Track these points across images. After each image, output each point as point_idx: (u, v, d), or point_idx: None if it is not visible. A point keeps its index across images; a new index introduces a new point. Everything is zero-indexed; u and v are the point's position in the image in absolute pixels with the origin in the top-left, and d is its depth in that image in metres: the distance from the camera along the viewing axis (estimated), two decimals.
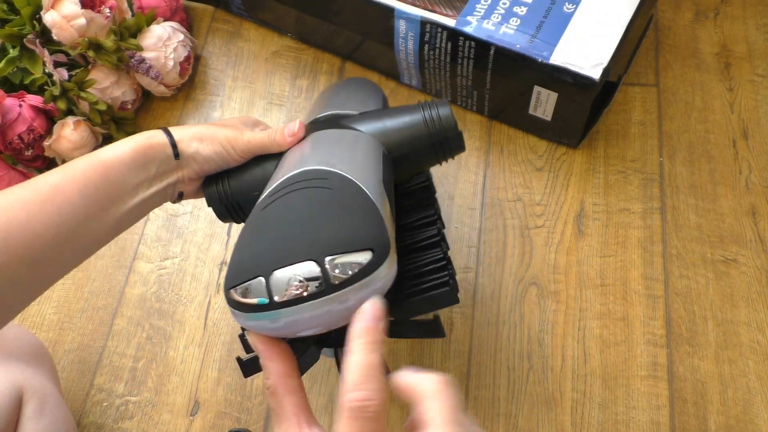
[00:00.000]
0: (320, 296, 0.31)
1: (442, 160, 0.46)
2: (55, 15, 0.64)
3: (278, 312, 0.32)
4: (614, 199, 0.66)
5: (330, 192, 0.35)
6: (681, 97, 0.71)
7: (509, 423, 0.57)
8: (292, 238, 0.33)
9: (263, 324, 0.32)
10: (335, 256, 0.32)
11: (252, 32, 0.80)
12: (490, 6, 0.64)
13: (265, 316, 0.32)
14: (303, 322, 0.32)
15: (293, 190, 0.36)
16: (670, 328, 0.60)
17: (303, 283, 0.31)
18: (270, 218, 0.35)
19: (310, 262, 0.31)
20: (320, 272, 0.31)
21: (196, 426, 0.59)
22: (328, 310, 0.31)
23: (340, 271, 0.31)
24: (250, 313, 0.32)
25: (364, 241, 0.32)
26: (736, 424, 0.56)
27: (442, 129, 0.44)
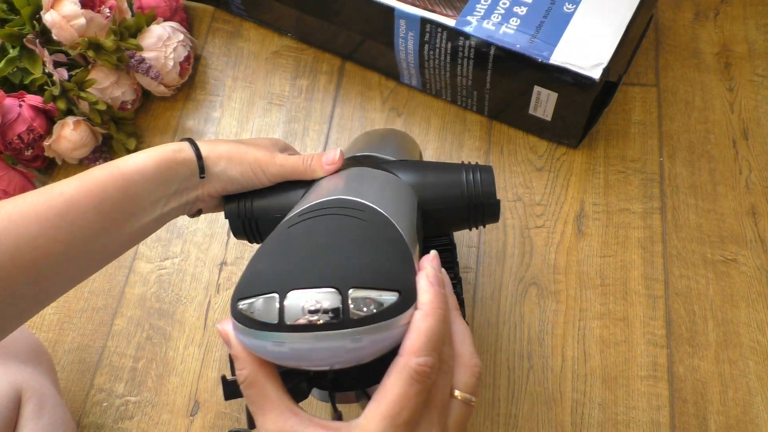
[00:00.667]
0: (334, 329, 0.29)
1: (473, 225, 0.45)
2: (55, 15, 0.64)
3: (285, 336, 0.29)
4: (614, 199, 0.66)
5: (364, 224, 0.33)
6: (681, 97, 0.71)
7: (509, 423, 0.57)
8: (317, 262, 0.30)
9: (265, 345, 0.30)
10: (360, 291, 0.29)
11: (252, 32, 0.80)
12: (490, 6, 0.64)
13: (270, 336, 0.29)
14: (308, 353, 0.29)
15: (325, 215, 0.34)
16: (670, 328, 0.60)
17: (319, 310, 0.29)
18: (296, 237, 0.33)
19: (332, 290, 0.29)
20: (340, 303, 0.29)
21: (196, 426, 0.59)
22: (339, 347, 0.29)
23: (362, 307, 0.29)
24: (254, 330, 0.30)
25: (392, 282, 0.30)
26: (736, 424, 0.56)
27: (480, 194, 0.43)
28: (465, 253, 0.65)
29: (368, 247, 0.31)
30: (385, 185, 0.40)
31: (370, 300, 0.29)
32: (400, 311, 0.30)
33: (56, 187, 0.39)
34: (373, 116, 0.73)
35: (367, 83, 0.75)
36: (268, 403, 0.31)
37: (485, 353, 0.60)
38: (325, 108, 0.74)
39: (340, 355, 0.29)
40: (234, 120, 0.74)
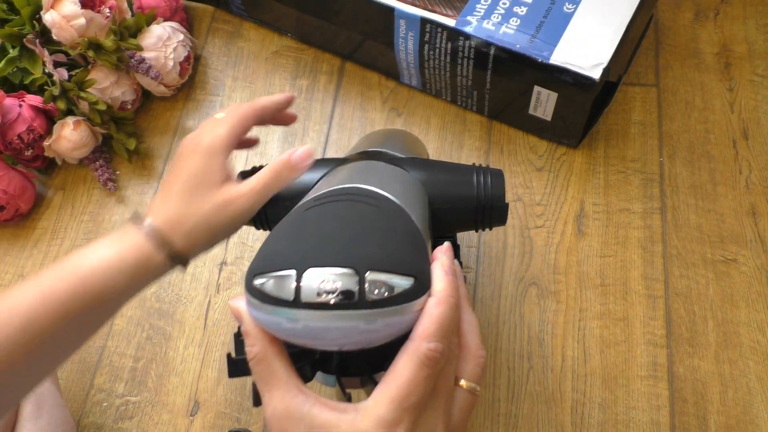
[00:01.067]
0: (350, 308, 0.29)
1: (479, 227, 0.45)
2: (55, 15, 0.64)
3: (300, 313, 0.29)
4: (614, 199, 0.66)
5: (380, 212, 0.33)
6: (681, 97, 0.71)
7: (509, 423, 0.57)
8: (335, 243, 0.31)
9: (279, 321, 0.30)
10: (376, 273, 0.29)
11: (252, 32, 0.80)
12: (490, 6, 0.64)
13: (284, 313, 0.30)
14: (321, 332, 0.30)
15: (342, 201, 0.34)
16: (670, 328, 0.60)
17: (336, 290, 0.29)
18: (313, 220, 0.33)
19: (350, 270, 0.29)
20: (357, 284, 0.29)
21: (196, 426, 0.59)
22: (352, 327, 0.29)
23: (377, 289, 0.29)
24: (269, 306, 0.30)
25: (408, 268, 0.31)
26: (736, 424, 0.56)
27: (490, 196, 0.43)
28: (465, 253, 0.65)
29: (385, 234, 0.32)
30: (398, 179, 0.40)
31: (386, 283, 0.29)
32: (415, 297, 0.30)
33: (16, 297, 0.37)
34: (373, 116, 0.73)
35: (367, 83, 0.75)
36: (276, 380, 0.31)
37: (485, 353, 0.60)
38: (325, 108, 0.74)
39: (352, 336, 0.30)
40: None
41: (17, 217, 0.69)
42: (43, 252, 0.68)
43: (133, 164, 0.73)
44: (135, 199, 0.71)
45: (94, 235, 0.69)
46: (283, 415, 0.31)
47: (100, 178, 0.70)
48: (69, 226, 0.69)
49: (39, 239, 0.69)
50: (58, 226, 0.70)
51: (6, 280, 0.67)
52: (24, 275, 0.67)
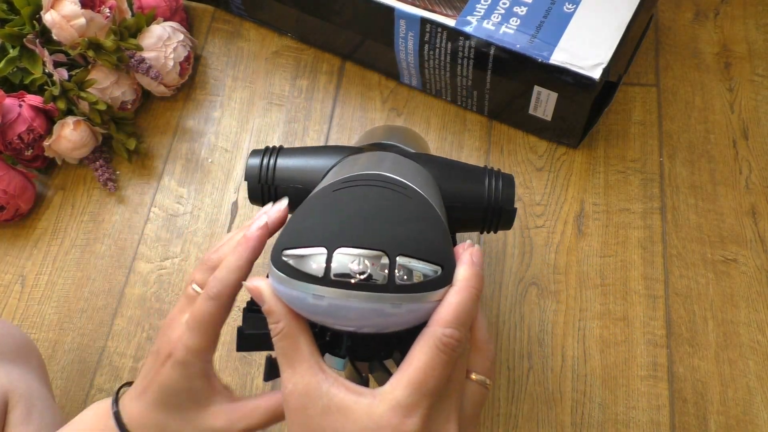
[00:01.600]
0: (378, 291, 0.29)
1: (485, 229, 0.45)
2: (55, 15, 0.64)
3: (328, 291, 0.30)
4: (614, 199, 0.66)
5: (408, 200, 0.34)
6: (681, 97, 0.71)
7: (509, 423, 0.57)
8: (367, 224, 0.31)
9: (305, 298, 0.30)
10: (406, 258, 0.30)
11: (252, 32, 0.80)
12: (490, 6, 0.64)
13: (311, 289, 0.30)
14: (345, 311, 0.30)
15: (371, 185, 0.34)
16: (670, 328, 0.60)
17: (366, 270, 0.29)
18: (343, 200, 0.33)
19: (381, 253, 0.30)
20: (387, 267, 0.30)
21: None
22: (377, 309, 0.30)
23: (406, 274, 0.30)
24: (297, 281, 0.30)
25: (438, 257, 0.31)
26: (736, 424, 0.56)
27: (500, 200, 0.43)
28: None
29: (415, 221, 0.32)
30: (417, 172, 0.41)
31: (415, 269, 0.30)
32: (440, 286, 0.31)
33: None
34: (373, 116, 0.73)
35: (367, 83, 0.75)
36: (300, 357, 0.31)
37: None
38: (325, 108, 0.74)
39: (373, 319, 0.30)
40: (234, 120, 0.74)
41: (17, 217, 0.69)
42: (43, 252, 0.68)
43: (133, 164, 0.73)
44: (135, 199, 0.71)
45: (94, 235, 0.69)
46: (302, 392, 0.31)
47: (100, 178, 0.70)
48: (69, 226, 0.69)
49: (39, 239, 0.69)
50: (58, 226, 0.70)
51: (6, 280, 0.67)
52: (24, 275, 0.67)
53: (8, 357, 0.48)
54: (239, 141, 0.73)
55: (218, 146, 0.73)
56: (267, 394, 0.38)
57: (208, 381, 0.37)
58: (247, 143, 0.73)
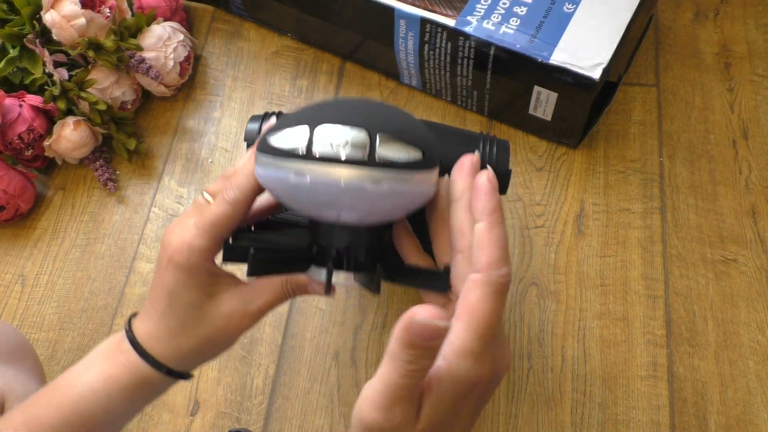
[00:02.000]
0: (358, 165, 0.30)
1: None
2: (55, 15, 0.64)
3: (309, 166, 0.30)
4: (614, 199, 0.66)
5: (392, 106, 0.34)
6: (681, 97, 0.71)
7: (509, 423, 0.57)
8: (349, 109, 0.31)
9: (287, 177, 0.31)
10: (388, 137, 0.30)
11: (252, 32, 0.80)
12: (490, 6, 0.64)
13: (293, 166, 0.30)
14: (328, 188, 0.30)
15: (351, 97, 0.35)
16: (670, 328, 0.60)
17: (347, 145, 0.30)
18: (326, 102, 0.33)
19: (362, 129, 0.30)
20: (368, 142, 0.30)
21: (196, 426, 0.59)
22: (359, 186, 0.30)
23: (388, 152, 0.30)
24: (279, 160, 0.31)
25: (418, 142, 0.31)
26: (736, 424, 0.56)
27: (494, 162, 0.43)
28: None
29: (398, 115, 0.33)
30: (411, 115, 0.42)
31: (396, 148, 0.30)
32: (423, 168, 0.31)
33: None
34: None
35: (367, 83, 0.75)
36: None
37: None
38: None
39: (356, 197, 0.30)
40: (234, 120, 0.74)
41: (17, 217, 0.69)
42: (43, 252, 0.68)
43: (133, 164, 0.73)
44: (135, 199, 0.71)
45: (94, 235, 0.69)
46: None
47: (100, 178, 0.70)
48: (69, 226, 0.69)
49: (39, 239, 0.69)
50: (58, 226, 0.70)
51: (6, 280, 0.67)
52: (24, 275, 0.67)
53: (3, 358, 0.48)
54: (239, 141, 0.73)
55: (218, 146, 0.73)
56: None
57: (214, 276, 0.37)
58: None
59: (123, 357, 0.37)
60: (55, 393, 0.37)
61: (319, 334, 0.62)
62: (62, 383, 0.38)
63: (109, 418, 0.37)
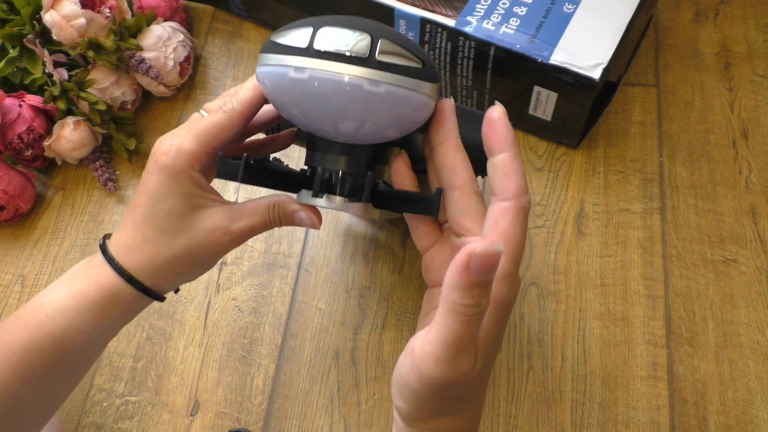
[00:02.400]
0: (358, 64, 0.30)
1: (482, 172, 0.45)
2: (55, 15, 0.64)
3: (310, 61, 0.30)
4: (614, 199, 0.66)
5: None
6: (681, 97, 0.71)
7: (509, 423, 0.57)
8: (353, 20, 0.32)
9: (286, 71, 0.31)
10: (389, 43, 0.31)
11: (252, 32, 0.80)
12: (490, 6, 0.64)
13: (294, 60, 0.31)
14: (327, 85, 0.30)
15: None
16: (670, 328, 0.60)
17: (348, 45, 0.30)
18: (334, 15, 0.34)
19: (365, 34, 0.31)
20: (369, 45, 0.30)
21: (196, 426, 0.59)
22: (357, 85, 0.30)
23: (388, 56, 0.31)
24: (280, 55, 0.31)
25: (418, 54, 0.32)
26: (736, 424, 0.56)
27: None
28: None
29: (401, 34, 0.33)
30: None
31: (397, 54, 0.31)
32: (421, 77, 0.32)
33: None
34: None
35: None
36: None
37: None
38: None
39: (354, 98, 0.31)
40: None
41: (17, 217, 0.69)
42: (43, 252, 0.68)
43: (133, 164, 0.73)
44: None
45: (94, 235, 0.69)
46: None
47: (100, 178, 0.70)
48: (69, 226, 0.69)
49: (39, 239, 0.69)
50: (58, 226, 0.70)
51: (6, 280, 0.67)
52: (24, 275, 0.67)
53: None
54: None
55: None
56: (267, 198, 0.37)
57: (199, 185, 0.36)
58: None
59: (93, 272, 0.36)
60: (23, 314, 0.36)
61: (319, 334, 0.62)
62: (30, 304, 0.36)
63: (80, 337, 0.36)
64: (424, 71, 0.32)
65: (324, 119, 0.32)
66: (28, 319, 0.35)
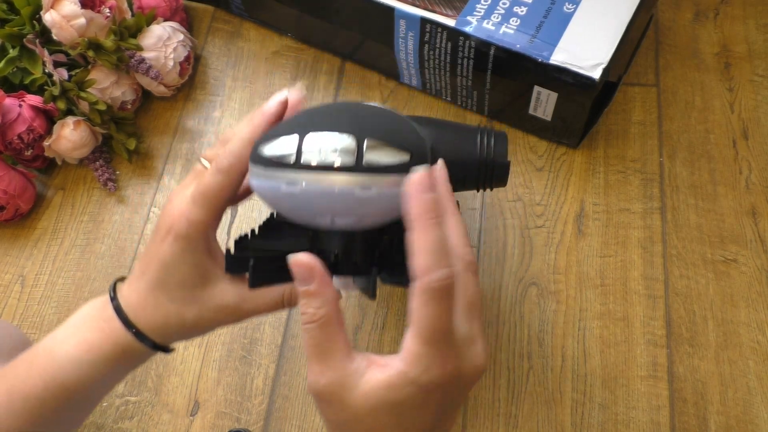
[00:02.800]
0: (347, 172, 0.30)
1: (480, 186, 0.45)
2: (55, 15, 0.64)
3: (300, 174, 0.30)
4: (614, 199, 0.66)
5: (385, 110, 0.35)
6: (681, 97, 0.71)
7: (509, 423, 0.57)
8: (337, 116, 0.32)
9: (279, 186, 0.31)
10: (375, 142, 0.31)
11: (252, 32, 0.80)
12: (490, 6, 0.64)
13: (285, 175, 0.31)
14: (319, 196, 0.31)
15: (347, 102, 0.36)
16: (670, 328, 0.60)
17: (335, 152, 0.30)
18: (317, 108, 0.34)
19: (350, 136, 0.31)
20: (356, 148, 0.30)
21: (196, 426, 0.59)
22: (349, 193, 0.30)
23: (375, 157, 0.31)
24: (270, 170, 0.31)
25: (406, 144, 0.32)
26: (736, 424, 0.56)
27: (492, 153, 0.43)
28: None
29: (385, 119, 0.33)
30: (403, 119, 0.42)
31: (383, 152, 0.31)
32: (412, 167, 0.31)
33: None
34: None
35: (367, 83, 0.75)
36: (334, 349, 0.30)
37: None
38: None
39: (347, 203, 0.31)
40: (234, 120, 0.74)
41: (17, 217, 0.69)
42: (43, 252, 0.68)
43: (133, 164, 0.73)
44: (135, 199, 0.71)
45: (94, 235, 0.69)
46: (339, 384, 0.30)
47: (100, 178, 0.70)
48: (69, 226, 0.69)
49: (39, 239, 0.69)
50: (58, 226, 0.70)
51: (6, 280, 0.67)
52: (24, 275, 0.67)
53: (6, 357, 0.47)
54: None
55: None
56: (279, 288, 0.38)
57: (212, 257, 0.36)
58: None
59: (106, 326, 0.36)
60: (35, 361, 0.37)
61: None
62: (42, 351, 0.37)
63: (92, 386, 0.37)
64: (413, 161, 0.32)
65: (321, 220, 0.33)
66: (41, 368, 0.36)
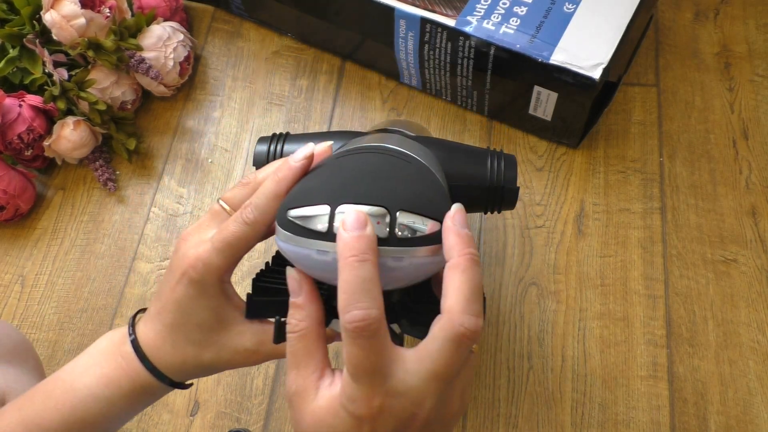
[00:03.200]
0: (380, 245, 0.30)
1: (489, 209, 0.46)
2: (55, 15, 0.64)
3: (331, 245, 0.30)
4: (614, 199, 0.66)
5: (411, 165, 0.35)
6: (681, 97, 0.71)
7: (509, 423, 0.57)
8: (368, 183, 0.32)
9: (310, 254, 0.31)
10: (407, 214, 0.31)
11: (252, 32, 0.80)
12: (490, 6, 0.64)
13: (316, 245, 0.31)
14: None
15: (373, 152, 0.35)
16: (670, 328, 0.60)
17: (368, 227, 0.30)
18: (347, 164, 0.34)
19: (382, 208, 0.30)
20: (388, 222, 0.30)
21: (196, 426, 0.59)
22: (380, 263, 0.30)
23: (407, 229, 0.31)
24: (302, 238, 0.31)
25: (436, 212, 0.32)
26: (736, 424, 0.56)
27: (503, 178, 0.44)
28: None
29: (415, 182, 0.33)
30: (420, 149, 0.41)
31: (415, 224, 0.31)
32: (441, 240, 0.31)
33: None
34: (373, 116, 0.73)
35: (367, 83, 0.75)
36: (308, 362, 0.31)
37: (485, 353, 0.60)
38: (325, 108, 0.74)
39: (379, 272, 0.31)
40: (234, 120, 0.74)
41: (17, 217, 0.69)
42: (43, 252, 0.68)
43: (133, 164, 0.73)
44: (135, 199, 0.71)
45: (94, 235, 0.69)
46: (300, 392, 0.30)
47: (100, 178, 0.70)
48: (69, 226, 0.69)
49: (39, 239, 0.69)
50: (58, 226, 0.70)
51: (6, 280, 0.67)
52: (24, 275, 0.67)
53: (5, 357, 0.48)
54: (239, 141, 0.73)
55: (218, 146, 0.73)
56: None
57: (228, 299, 0.36)
58: (247, 143, 0.73)
59: (124, 362, 0.37)
60: (53, 393, 0.37)
61: None
62: (60, 383, 0.37)
63: (109, 421, 0.37)
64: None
65: None
66: (59, 401, 0.37)
